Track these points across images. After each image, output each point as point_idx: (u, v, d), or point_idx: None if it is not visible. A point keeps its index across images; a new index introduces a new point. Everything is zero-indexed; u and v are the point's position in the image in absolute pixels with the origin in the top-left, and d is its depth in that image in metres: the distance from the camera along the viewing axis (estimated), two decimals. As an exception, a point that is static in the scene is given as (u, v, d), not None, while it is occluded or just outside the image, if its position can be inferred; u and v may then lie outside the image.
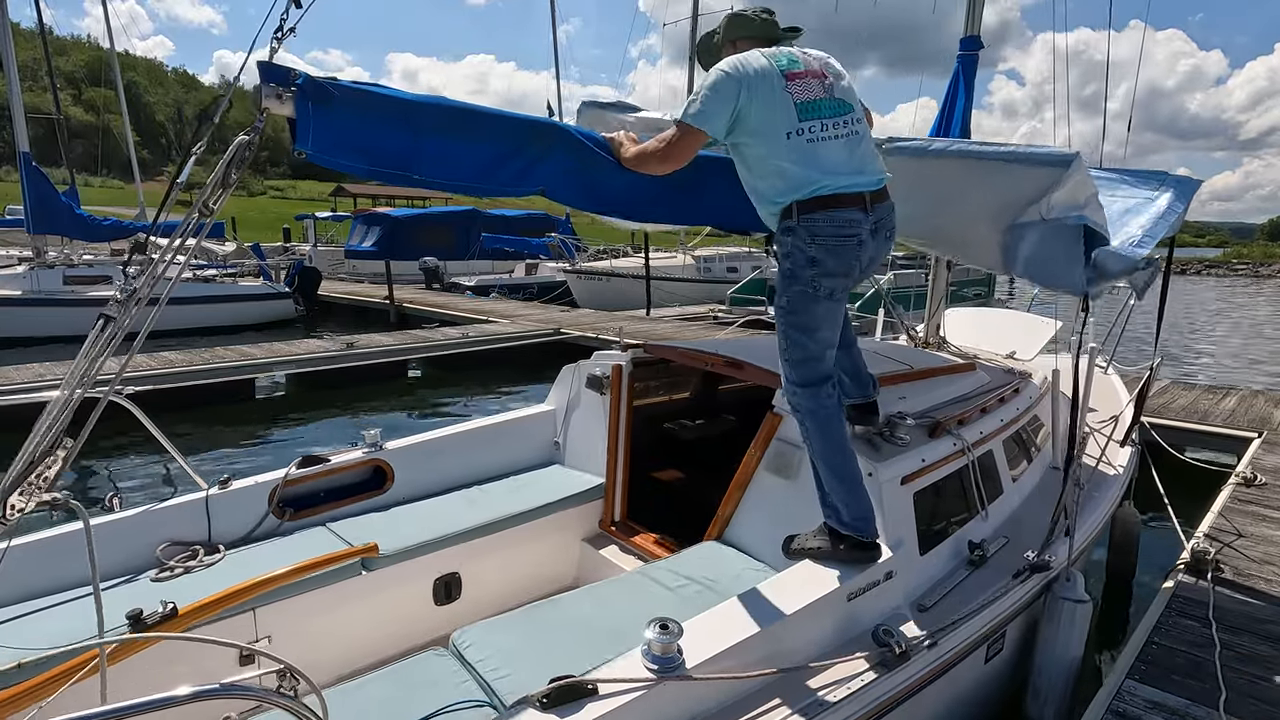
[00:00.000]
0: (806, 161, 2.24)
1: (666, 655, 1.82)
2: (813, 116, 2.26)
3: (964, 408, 3.12)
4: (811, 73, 2.31)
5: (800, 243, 2.27)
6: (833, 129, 2.28)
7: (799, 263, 2.28)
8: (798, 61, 2.31)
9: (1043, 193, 2.53)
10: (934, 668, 2.25)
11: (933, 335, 4.75)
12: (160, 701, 1.18)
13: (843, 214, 2.24)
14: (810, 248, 2.25)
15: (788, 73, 2.27)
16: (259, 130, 1.80)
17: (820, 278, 2.28)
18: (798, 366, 2.39)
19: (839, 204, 2.24)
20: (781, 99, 2.25)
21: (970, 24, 4.43)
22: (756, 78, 2.25)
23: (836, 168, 2.25)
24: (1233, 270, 53.50)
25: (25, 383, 7.26)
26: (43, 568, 2.43)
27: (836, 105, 2.31)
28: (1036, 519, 3.10)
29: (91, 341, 1.71)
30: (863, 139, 2.35)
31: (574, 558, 3.40)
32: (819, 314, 2.33)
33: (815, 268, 2.27)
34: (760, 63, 2.28)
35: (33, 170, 12.07)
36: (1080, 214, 2.49)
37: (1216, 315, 24.30)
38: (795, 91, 2.26)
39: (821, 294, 2.29)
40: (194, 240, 1.74)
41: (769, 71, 2.26)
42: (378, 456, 3.27)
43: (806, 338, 2.35)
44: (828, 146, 2.26)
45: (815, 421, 2.38)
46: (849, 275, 2.32)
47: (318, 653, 2.62)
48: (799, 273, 2.29)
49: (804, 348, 2.36)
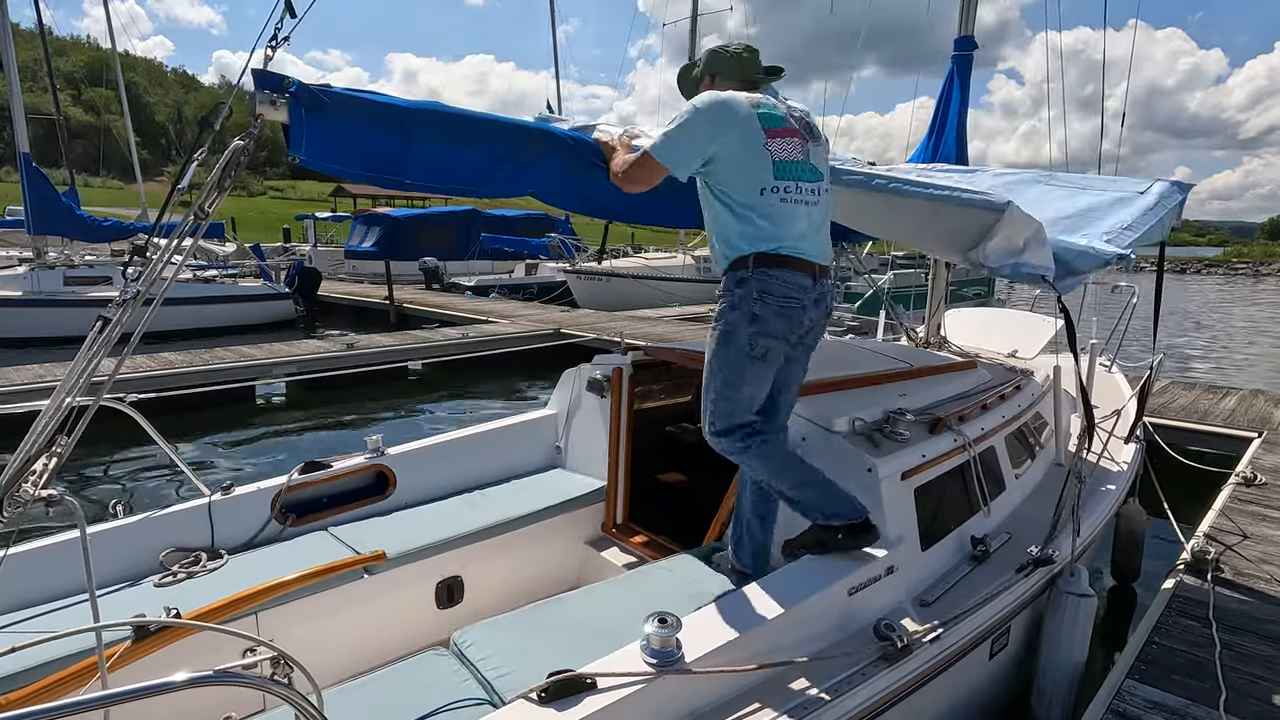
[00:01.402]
0: (776, 219, 2.23)
1: (665, 649, 1.82)
2: (789, 178, 2.24)
3: (965, 404, 3.12)
4: (793, 131, 2.28)
5: (748, 296, 2.23)
6: (804, 194, 2.27)
7: (741, 314, 2.25)
8: (781, 119, 2.28)
9: (981, 234, 2.45)
10: (937, 662, 2.25)
11: (933, 335, 4.75)
12: (157, 687, 1.18)
13: (795, 278, 2.24)
14: (756, 304, 2.22)
15: (769, 129, 2.24)
16: (254, 135, 1.83)
17: (758, 336, 2.25)
18: (720, 413, 2.33)
19: (795, 267, 2.24)
20: (761, 155, 2.22)
21: (964, 24, 4.43)
22: (737, 127, 2.22)
23: (802, 233, 2.26)
24: (1233, 269, 53.50)
25: (25, 384, 7.25)
26: (44, 575, 2.44)
27: (812, 171, 2.30)
28: (1040, 516, 3.09)
29: (90, 343, 1.72)
30: (825, 212, 2.35)
31: (576, 560, 3.40)
32: (748, 371, 2.28)
33: (755, 325, 2.23)
34: (743, 110, 2.23)
35: (33, 171, 12.07)
36: (1017, 262, 2.38)
37: (1217, 315, 24.30)
38: (775, 149, 2.23)
39: (756, 353, 2.26)
40: (190, 241, 1.75)
41: (751, 124, 2.22)
42: (380, 462, 3.28)
43: (732, 388, 2.31)
44: (797, 210, 2.25)
45: (749, 458, 2.36)
46: (786, 340, 2.30)
47: (320, 656, 2.62)
48: (738, 325, 2.25)
49: (728, 399, 2.31)
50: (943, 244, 2.86)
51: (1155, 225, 2.80)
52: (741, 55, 2.42)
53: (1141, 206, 2.83)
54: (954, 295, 9.92)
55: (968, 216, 2.47)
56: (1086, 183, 3.09)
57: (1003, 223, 2.34)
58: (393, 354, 9.78)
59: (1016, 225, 2.35)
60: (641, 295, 15.37)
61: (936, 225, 2.74)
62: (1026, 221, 2.36)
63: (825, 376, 2.99)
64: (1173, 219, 2.99)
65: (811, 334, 2.40)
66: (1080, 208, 2.79)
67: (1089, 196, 2.89)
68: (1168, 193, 2.96)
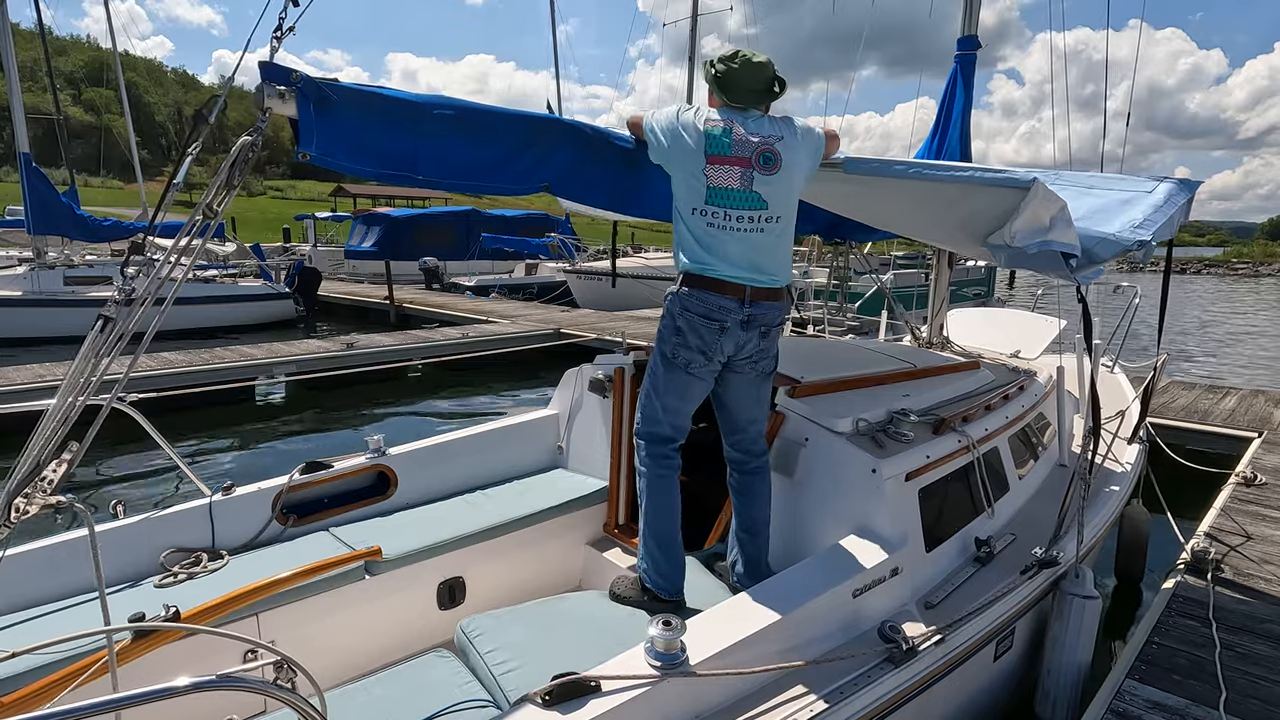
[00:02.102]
0: (703, 241, 2.32)
1: (669, 652, 1.81)
2: (718, 204, 2.30)
3: (968, 405, 3.11)
4: (739, 160, 2.30)
5: (674, 308, 2.39)
6: (735, 221, 2.31)
7: (668, 326, 2.41)
8: (728, 146, 2.30)
9: (1005, 216, 2.44)
10: (942, 664, 2.24)
11: (936, 335, 4.75)
12: (160, 692, 1.19)
13: (716, 299, 2.32)
14: (680, 318, 2.37)
15: (711, 156, 2.29)
16: (261, 131, 1.80)
17: (680, 348, 2.39)
18: (641, 416, 2.53)
19: (718, 289, 2.32)
20: (698, 178, 2.30)
21: (967, 24, 4.43)
22: (681, 150, 2.32)
23: (730, 257, 2.32)
24: (1233, 269, 53.53)
25: (25, 383, 7.25)
26: (46, 574, 2.43)
27: (750, 199, 2.31)
28: (1043, 516, 3.09)
29: (91, 343, 1.71)
30: (768, 237, 2.35)
31: (578, 561, 3.40)
32: (669, 380, 2.45)
33: (678, 337, 2.39)
34: (693, 134, 2.31)
35: (33, 171, 12.05)
36: (1045, 240, 2.36)
37: (1217, 315, 24.30)
38: (711, 175, 2.29)
39: (678, 363, 2.41)
40: (199, 241, 1.74)
41: (697, 147, 2.30)
42: (381, 462, 3.27)
43: (655, 396, 2.48)
44: (726, 235, 2.31)
45: (643, 480, 2.51)
46: (707, 355, 2.38)
47: (322, 657, 2.62)
48: (665, 335, 2.43)
49: (649, 403, 2.50)
50: (963, 230, 2.81)
51: (1165, 224, 2.79)
52: (721, 77, 2.41)
53: (1151, 205, 2.82)
54: (953, 295, 9.94)
55: (992, 196, 2.43)
56: (1092, 182, 3.07)
57: (1029, 200, 2.32)
58: (393, 354, 9.78)
59: (1043, 202, 2.33)
60: (644, 295, 15.36)
61: (957, 210, 2.70)
62: (1052, 199, 2.34)
63: (828, 376, 2.99)
64: (1182, 217, 2.97)
65: (752, 357, 2.44)
66: (1090, 208, 2.78)
67: (1096, 197, 2.88)
68: (1175, 191, 2.94)
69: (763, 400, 2.57)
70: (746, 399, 2.53)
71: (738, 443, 2.59)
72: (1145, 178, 3.11)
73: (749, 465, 2.58)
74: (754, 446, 2.59)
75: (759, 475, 2.59)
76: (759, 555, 2.59)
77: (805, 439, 2.73)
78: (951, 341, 4.71)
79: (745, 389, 2.51)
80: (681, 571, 2.49)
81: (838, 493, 2.59)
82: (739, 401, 2.53)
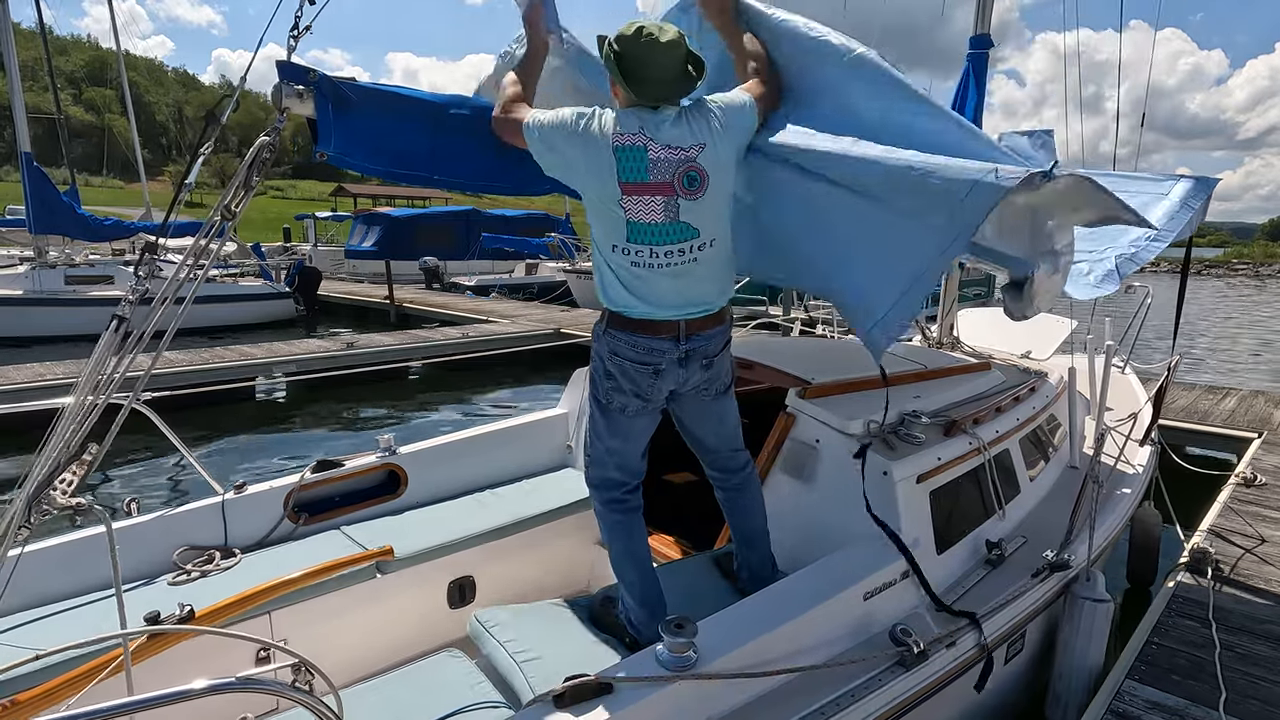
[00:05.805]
0: (627, 281, 2.06)
1: (682, 654, 1.82)
2: (643, 242, 2.00)
3: (979, 406, 3.10)
4: (659, 187, 1.96)
5: (602, 351, 2.18)
6: (664, 258, 2.01)
7: (598, 370, 2.22)
8: (644, 170, 1.95)
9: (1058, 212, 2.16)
10: (953, 668, 2.24)
11: (946, 335, 4.73)
12: (177, 694, 1.20)
13: (646, 341, 2.09)
14: (609, 361, 2.16)
15: (626, 184, 1.96)
16: (279, 130, 1.79)
17: (614, 393, 2.19)
18: (588, 460, 2.38)
19: (647, 330, 2.09)
20: (613, 210, 1.99)
21: (980, 22, 4.37)
22: (595, 166, 1.97)
23: (658, 299, 2.06)
24: (1233, 270, 53.56)
25: (25, 382, 7.26)
26: (61, 573, 2.44)
27: (677, 231, 2.00)
28: (1055, 519, 3.08)
29: (105, 343, 1.71)
30: (703, 265, 2.07)
31: (589, 560, 3.40)
32: (608, 424, 2.26)
33: (610, 381, 2.19)
34: (603, 156, 1.95)
35: (34, 170, 12.06)
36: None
37: (1217, 315, 24.33)
38: (629, 208, 1.97)
39: (612, 407, 2.21)
40: (218, 243, 1.75)
41: (608, 173, 1.96)
42: (391, 461, 3.28)
43: (595, 438, 2.31)
44: (653, 275, 2.04)
45: (600, 521, 2.39)
46: (643, 398, 2.18)
47: (333, 655, 2.62)
48: (597, 379, 2.24)
49: (592, 446, 2.33)
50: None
51: (1184, 226, 2.78)
52: (623, 62, 1.97)
53: (1167, 210, 2.82)
54: (955, 296, 9.91)
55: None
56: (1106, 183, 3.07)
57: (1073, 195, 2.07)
58: (393, 354, 9.79)
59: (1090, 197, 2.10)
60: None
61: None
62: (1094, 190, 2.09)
63: (839, 378, 2.99)
64: (1200, 217, 2.96)
65: (698, 387, 2.23)
66: None
67: None
68: (1191, 194, 2.94)
69: (726, 416, 2.36)
70: (707, 421, 2.35)
71: (712, 462, 2.45)
72: (1161, 176, 3.08)
73: (731, 482, 2.46)
74: (730, 463, 2.43)
75: (743, 490, 2.46)
76: (762, 563, 2.52)
77: (816, 441, 2.72)
78: (962, 342, 4.69)
79: (702, 412, 2.32)
80: (663, 609, 2.28)
81: (849, 495, 2.59)
82: (700, 425, 2.36)
